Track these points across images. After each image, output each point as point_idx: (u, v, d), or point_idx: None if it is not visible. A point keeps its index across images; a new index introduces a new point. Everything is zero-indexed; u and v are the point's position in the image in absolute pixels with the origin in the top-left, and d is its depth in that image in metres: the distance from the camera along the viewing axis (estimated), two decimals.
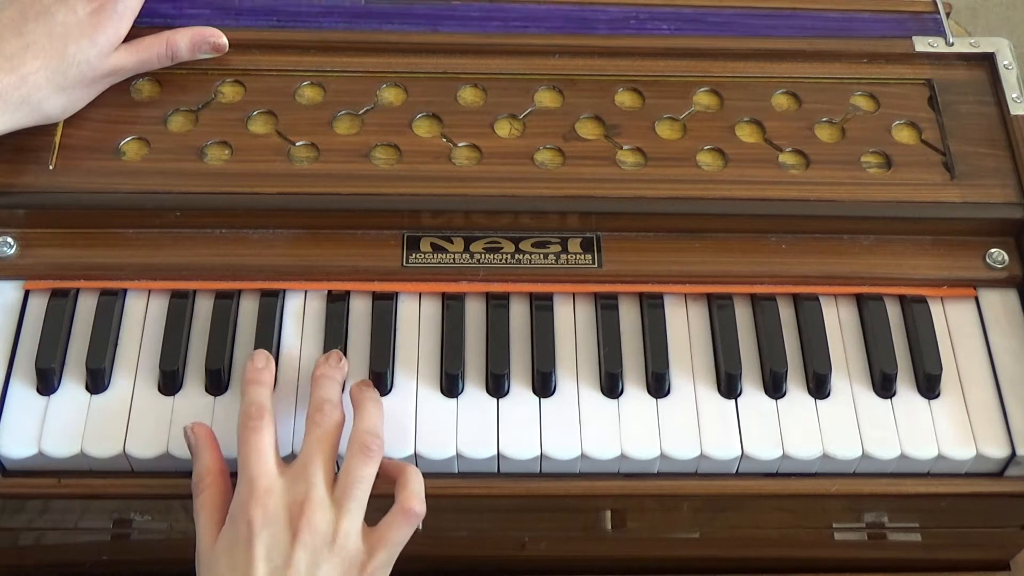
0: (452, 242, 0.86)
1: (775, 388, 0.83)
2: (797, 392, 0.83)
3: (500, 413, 0.81)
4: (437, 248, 0.86)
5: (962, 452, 0.81)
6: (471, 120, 0.90)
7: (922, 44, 0.95)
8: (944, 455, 0.81)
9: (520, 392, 0.82)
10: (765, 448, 0.81)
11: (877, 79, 0.94)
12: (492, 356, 0.82)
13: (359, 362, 0.83)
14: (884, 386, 0.83)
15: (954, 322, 0.86)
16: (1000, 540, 0.94)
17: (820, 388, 0.83)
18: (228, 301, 0.84)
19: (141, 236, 0.86)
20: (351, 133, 0.89)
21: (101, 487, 0.81)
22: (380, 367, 0.82)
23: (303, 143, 0.88)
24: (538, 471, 0.82)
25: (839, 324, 0.86)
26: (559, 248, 0.86)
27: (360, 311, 0.85)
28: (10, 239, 0.85)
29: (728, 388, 0.83)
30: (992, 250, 0.87)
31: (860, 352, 0.85)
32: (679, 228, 0.87)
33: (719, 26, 0.96)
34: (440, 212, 0.86)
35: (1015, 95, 0.92)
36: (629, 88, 0.92)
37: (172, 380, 0.81)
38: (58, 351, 0.82)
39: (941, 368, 0.83)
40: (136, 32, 0.88)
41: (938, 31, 0.96)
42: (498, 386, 0.82)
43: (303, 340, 0.83)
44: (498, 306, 0.85)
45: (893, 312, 0.86)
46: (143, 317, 0.84)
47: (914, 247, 0.88)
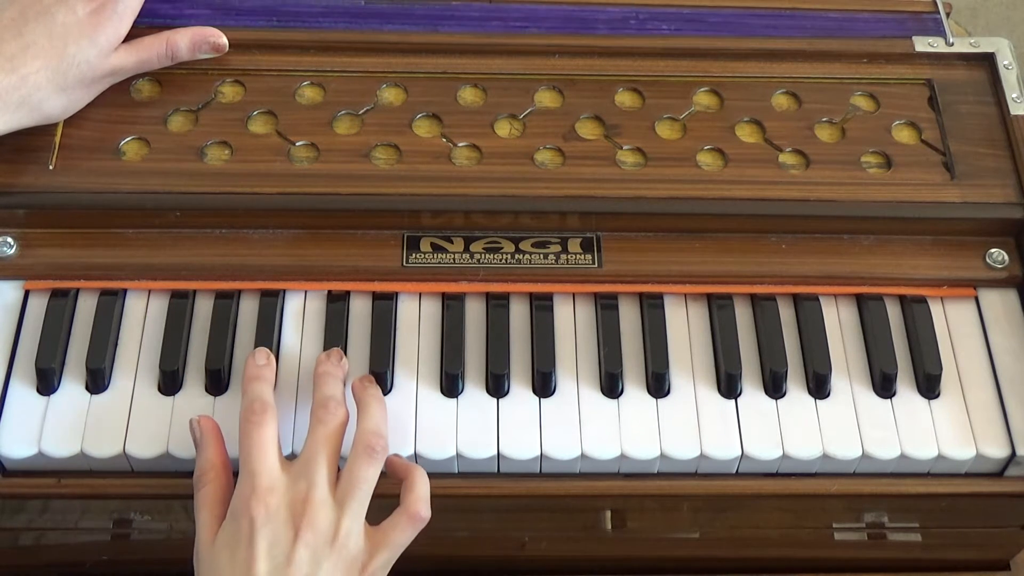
0: (452, 242, 0.86)
1: (775, 388, 0.83)
2: (797, 392, 0.83)
3: (500, 413, 0.81)
4: (437, 248, 0.86)
5: (962, 452, 0.81)
6: (471, 120, 0.90)
7: (922, 44, 0.95)
8: (944, 455, 0.81)
9: (520, 392, 0.82)
10: (765, 448, 0.81)
11: (877, 79, 0.94)
12: (492, 356, 0.82)
13: (359, 362, 0.82)
14: (884, 386, 0.83)
15: (954, 322, 0.86)
16: (1000, 540, 0.94)
17: (820, 388, 0.83)
18: (228, 301, 0.84)
19: (141, 236, 0.86)
20: (351, 133, 0.89)
21: (101, 487, 0.81)
22: (380, 367, 0.82)
23: (303, 143, 0.88)
24: (538, 471, 0.82)
25: (839, 324, 0.86)
26: (559, 248, 0.86)
27: (360, 311, 0.85)
28: (10, 239, 0.85)
29: (728, 388, 0.82)
30: (992, 250, 0.87)
31: (860, 352, 0.85)
32: (679, 228, 0.87)
33: (719, 26, 0.96)
34: (440, 212, 0.86)
35: (1015, 95, 0.92)
36: (629, 88, 0.92)
37: (172, 380, 0.81)
38: (58, 351, 0.82)
39: (941, 368, 0.83)
40: (136, 32, 0.88)
41: (938, 31, 0.96)
42: (498, 386, 0.82)
43: (303, 340, 0.83)
44: (498, 306, 0.84)
45: (893, 312, 0.86)
46: (143, 317, 0.84)
47: (914, 247, 0.88)
